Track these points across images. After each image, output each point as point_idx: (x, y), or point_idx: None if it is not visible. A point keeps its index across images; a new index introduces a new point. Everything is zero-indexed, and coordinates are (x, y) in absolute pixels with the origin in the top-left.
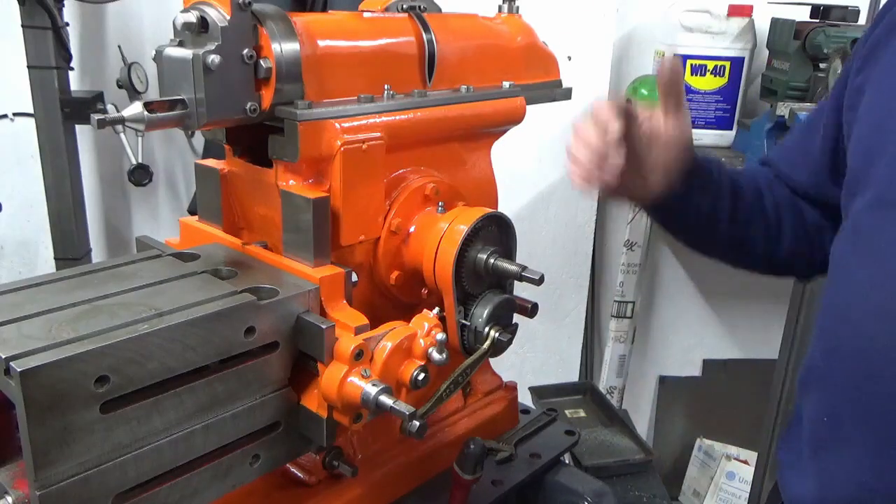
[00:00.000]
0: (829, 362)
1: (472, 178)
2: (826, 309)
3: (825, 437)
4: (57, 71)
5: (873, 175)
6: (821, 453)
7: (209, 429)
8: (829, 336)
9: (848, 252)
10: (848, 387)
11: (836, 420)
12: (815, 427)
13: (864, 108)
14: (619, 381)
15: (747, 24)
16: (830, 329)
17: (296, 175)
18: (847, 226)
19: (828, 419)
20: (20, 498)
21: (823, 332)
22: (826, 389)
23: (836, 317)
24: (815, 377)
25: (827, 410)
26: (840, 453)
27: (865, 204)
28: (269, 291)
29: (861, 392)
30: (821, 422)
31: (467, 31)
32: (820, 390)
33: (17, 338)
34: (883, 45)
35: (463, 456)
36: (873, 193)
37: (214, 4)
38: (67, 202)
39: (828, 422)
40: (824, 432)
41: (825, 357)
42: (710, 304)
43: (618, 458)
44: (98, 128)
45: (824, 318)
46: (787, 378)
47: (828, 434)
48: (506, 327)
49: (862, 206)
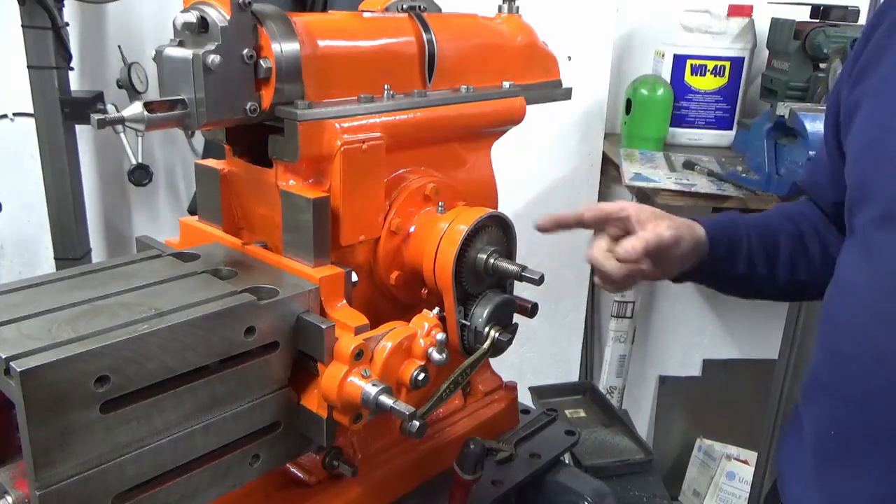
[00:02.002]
0: (836, 377)
1: (472, 178)
2: (831, 322)
3: (832, 451)
4: (57, 71)
5: (876, 191)
6: (827, 467)
7: (209, 429)
8: (837, 352)
9: (855, 267)
10: (857, 402)
11: (844, 435)
12: (821, 440)
13: (859, 125)
14: (619, 381)
15: (747, 24)
16: (838, 345)
17: (296, 175)
18: (854, 242)
19: (835, 433)
20: (20, 498)
21: (830, 347)
22: (833, 404)
23: (845, 331)
24: (820, 390)
25: (834, 425)
26: (849, 468)
27: (872, 219)
28: (269, 291)
29: (871, 407)
30: (827, 435)
31: (467, 31)
32: (826, 404)
33: (17, 338)
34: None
35: (463, 456)
36: (879, 209)
37: (214, 4)
38: (67, 202)
39: (835, 436)
40: (831, 446)
41: (832, 371)
42: (710, 304)
43: (618, 458)
44: (98, 128)
45: (830, 333)
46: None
47: (835, 449)
48: (506, 327)
49: (869, 221)
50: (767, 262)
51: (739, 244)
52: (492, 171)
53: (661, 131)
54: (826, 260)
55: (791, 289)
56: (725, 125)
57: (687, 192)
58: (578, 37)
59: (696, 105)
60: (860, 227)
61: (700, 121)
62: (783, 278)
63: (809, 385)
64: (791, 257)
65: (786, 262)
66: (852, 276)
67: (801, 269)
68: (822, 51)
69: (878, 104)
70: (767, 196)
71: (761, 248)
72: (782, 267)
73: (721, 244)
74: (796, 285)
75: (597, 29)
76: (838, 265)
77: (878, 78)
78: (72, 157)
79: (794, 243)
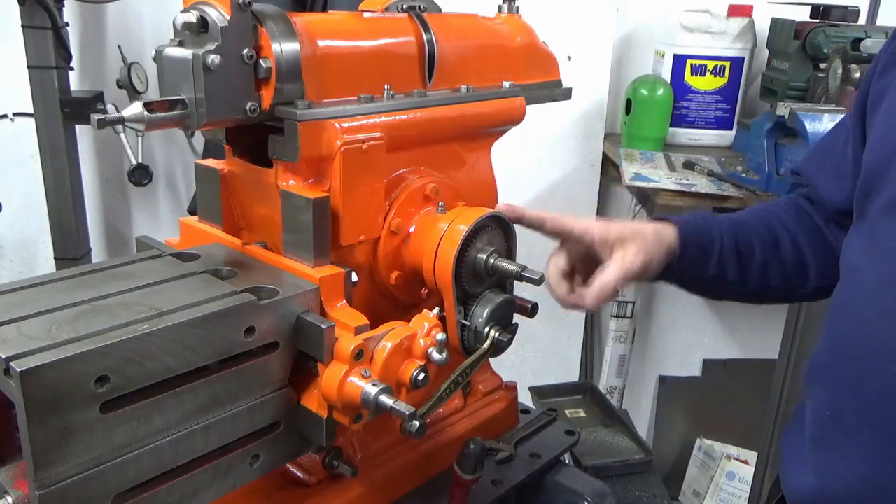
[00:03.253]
0: (834, 359)
1: (472, 178)
2: (835, 307)
3: (828, 433)
4: (57, 71)
5: (888, 176)
6: (821, 447)
7: (209, 429)
8: (836, 333)
9: (859, 251)
10: (851, 383)
11: (838, 417)
12: (819, 422)
13: (884, 110)
14: (619, 381)
15: (747, 24)
16: (837, 327)
17: (296, 175)
18: (860, 226)
19: (830, 414)
20: (20, 498)
21: (831, 330)
22: (830, 386)
23: (844, 315)
24: (820, 373)
25: (830, 406)
26: (840, 448)
27: (880, 205)
28: (269, 291)
29: (864, 388)
30: (824, 417)
31: (467, 31)
32: (824, 387)
33: (17, 338)
34: None
35: (463, 456)
36: (888, 195)
37: (214, 4)
38: (67, 202)
39: (830, 417)
40: (827, 428)
41: (831, 354)
42: (710, 304)
43: (618, 458)
44: (98, 128)
45: (835, 315)
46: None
47: (831, 430)
48: (506, 327)
49: (877, 208)
50: (739, 266)
51: (711, 248)
52: (492, 171)
53: (661, 131)
54: (801, 266)
55: (760, 293)
56: (725, 125)
57: (687, 192)
58: (578, 37)
59: (696, 105)
60: (870, 212)
61: (700, 121)
62: (753, 283)
63: (810, 370)
64: (764, 264)
65: (758, 268)
66: (856, 262)
67: (773, 275)
68: (822, 51)
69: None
70: (767, 196)
71: (734, 253)
72: (754, 272)
73: (692, 246)
74: (766, 290)
75: (597, 29)
76: (846, 248)
77: None
78: (72, 157)
79: (769, 249)
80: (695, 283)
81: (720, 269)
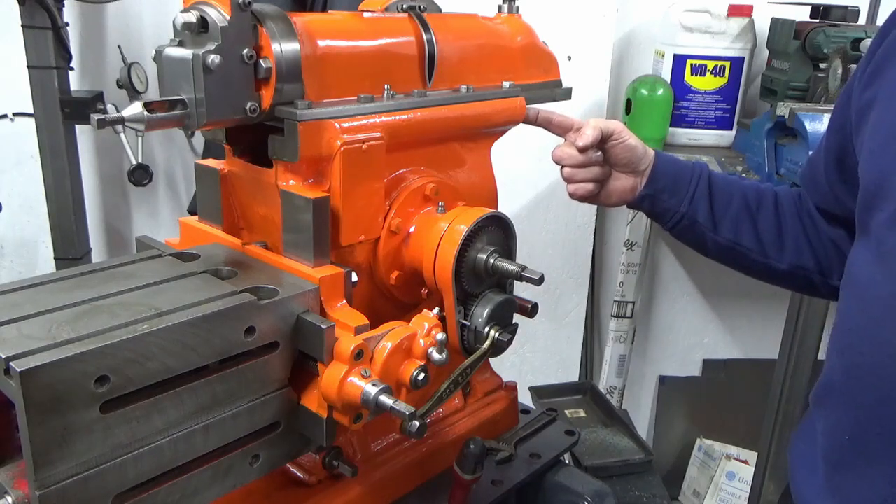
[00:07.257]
0: (851, 381)
1: (472, 178)
2: (846, 325)
3: (847, 456)
4: (57, 71)
5: (891, 190)
6: (842, 471)
7: (209, 429)
8: (852, 354)
9: (870, 268)
10: (874, 406)
11: (860, 440)
12: (835, 445)
13: (873, 124)
14: (619, 381)
15: (747, 24)
16: (853, 347)
17: (296, 175)
18: (868, 241)
19: (850, 438)
20: (20, 498)
21: (845, 350)
22: (848, 409)
23: (861, 335)
24: (834, 395)
25: (849, 430)
26: (864, 472)
27: (884, 219)
28: (269, 291)
29: (887, 410)
30: (842, 440)
31: (467, 31)
32: (841, 409)
33: (17, 338)
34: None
35: (463, 456)
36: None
37: (214, 4)
38: (67, 202)
39: (850, 441)
40: (846, 451)
41: (847, 375)
42: (710, 304)
43: (618, 458)
44: (98, 128)
45: (845, 335)
46: (787, 378)
47: (851, 453)
48: (506, 327)
49: (884, 221)
50: (711, 211)
51: (685, 183)
52: (492, 171)
53: (661, 131)
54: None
55: (732, 249)
56: (725, 125)
57: None
58: (578, 37)
59: (696, 105)
60: (875, 226)
61: (700, 121)
62: (724, 233)
63: (822, 389)
64: (737, 218)
65: (731, 220)
66: (866, 277)
67: (745, 233)
68: (822, 51)
69: (893, 104)
70: None
71: (706, 196)
72: (726, 223)
73: (666, 175)
74: (737, 248)
75: (597, 29)
76: (850, 264)
77: (892, 78)
78: (72, 158)
79: (747, 208)
80: (664, 217)
81: (692, 207)
